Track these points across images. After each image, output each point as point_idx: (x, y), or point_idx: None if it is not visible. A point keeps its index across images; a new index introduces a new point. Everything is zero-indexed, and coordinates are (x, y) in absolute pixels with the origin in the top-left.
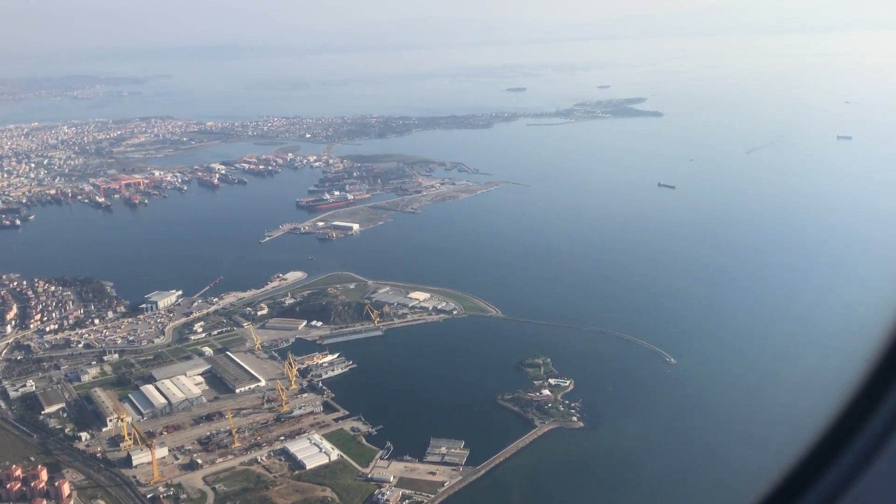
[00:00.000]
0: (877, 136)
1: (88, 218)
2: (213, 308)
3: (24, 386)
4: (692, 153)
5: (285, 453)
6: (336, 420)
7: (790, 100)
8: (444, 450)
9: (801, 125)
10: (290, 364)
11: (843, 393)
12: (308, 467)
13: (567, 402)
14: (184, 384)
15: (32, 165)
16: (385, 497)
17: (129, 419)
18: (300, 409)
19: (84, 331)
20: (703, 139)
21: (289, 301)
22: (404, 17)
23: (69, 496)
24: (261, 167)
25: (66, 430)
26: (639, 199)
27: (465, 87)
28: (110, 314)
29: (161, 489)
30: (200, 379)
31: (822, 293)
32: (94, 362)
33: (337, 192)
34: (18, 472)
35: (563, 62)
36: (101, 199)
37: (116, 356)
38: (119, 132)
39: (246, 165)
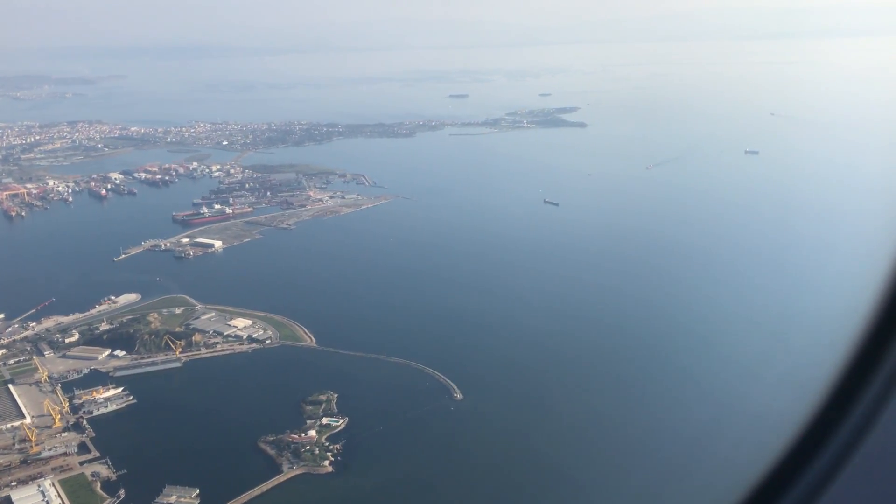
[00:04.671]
0: (783, 151)
1: None
2: (24, 334)
3: None
4: (596, 167)
5: (8, 502)
6: (82, 463)
7: (720, 110)
8: (174, 498)
9: (716, 138)
10: (57, 399)
11: (814, 399)
12: None
13: (328, 444)
14: None
15: None
16: None
17: None
18: (51, 450)
19: None
20: (613, 152)
21: (103, 327)
22: (376, 18)
23: None
24: (157, 177)
25: None
26: (517, 217)
27: (410, 92)
28: None
29: None
30: None
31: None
32: None
33: (217, 206)
34: None
35: (519, 67)
36: None
37: None
38: (38, 137)
39: (144, 175)
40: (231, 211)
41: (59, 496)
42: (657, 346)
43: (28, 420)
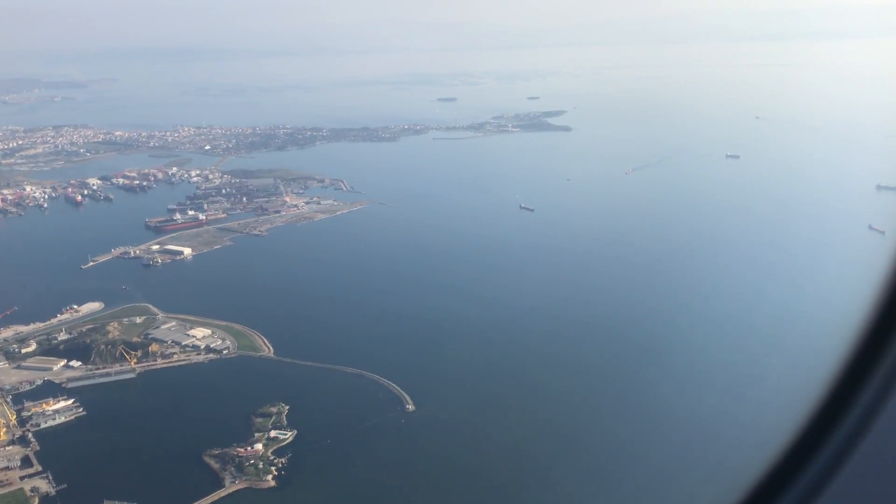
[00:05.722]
0: (764, 155)
1: None
2: None
3: None
4: (576, 171)
5: None
6: (23, 478)
7: (707, 113)
8: None
9: (699, 142)
10: (3, 411)
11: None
12: None
13: (273, 457)
14: None
15: None
16: None
17: None
18: None
19: None
20: (595, 156)
21: (61, 337)
22: (372, 21)
23: None
24: (136, 182)
25: None
26: (491, 222)
27: (399, 95)
28: None
29: None
30: None
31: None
32: None
33: (191, 212)
34: None
35: (509, 70)
36: None
37: None
38: (21, 141)
39: (122, 180)
40: (204, 217)
41: None
42: (631, 351)
43: None
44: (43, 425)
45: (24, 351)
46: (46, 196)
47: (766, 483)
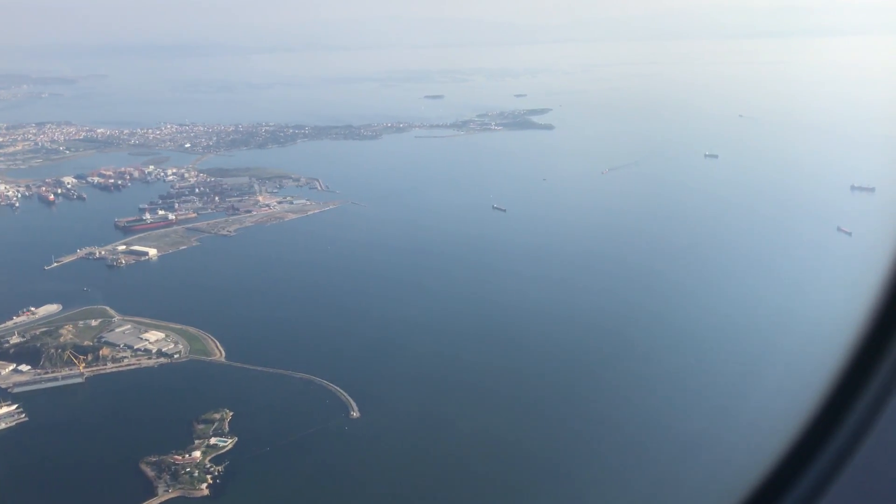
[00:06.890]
0: (743, 154)
1: None
2: None
3: None
4: (553, 171)
5: None
6: None
7: (693, 111)
8: None
9: (680, 141)
10: None
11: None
12: None
13: (210, 465)
14: None
15: None
16: None
17: None
18: None
19: None
20: (575, 156)
21: (14, 340)
22: (369, 16)
23: None
24: (110, 181)
25: None
26: (462, 223)
27: (387, 92)
28: None
29: None
30: None
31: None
32: None
33: (161, 212)
34: None
35: (500, 67)
36: None
37: None
38: (2, 139)
39: (97, 179)
40: (174, 217)
41: None
42: (583, 346)
43: None
44: None
45: None
46: (19, 195)
47: (768, 484)
